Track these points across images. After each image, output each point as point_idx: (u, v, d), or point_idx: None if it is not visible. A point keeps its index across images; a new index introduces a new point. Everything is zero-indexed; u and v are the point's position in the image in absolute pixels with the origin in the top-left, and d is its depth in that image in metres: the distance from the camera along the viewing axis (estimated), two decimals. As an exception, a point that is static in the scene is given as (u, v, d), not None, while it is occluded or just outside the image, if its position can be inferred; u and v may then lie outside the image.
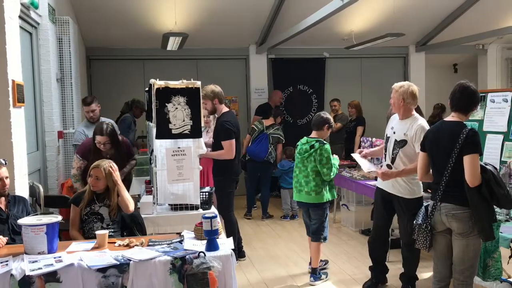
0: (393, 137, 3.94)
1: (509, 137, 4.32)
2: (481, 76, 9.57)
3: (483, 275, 3.45)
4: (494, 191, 2.90)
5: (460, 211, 3.00)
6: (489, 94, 4.67)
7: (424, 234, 3.17)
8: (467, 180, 2.93)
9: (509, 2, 7.22)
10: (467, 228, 3.00)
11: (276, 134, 6.99)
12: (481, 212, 2.92)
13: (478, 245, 3.07)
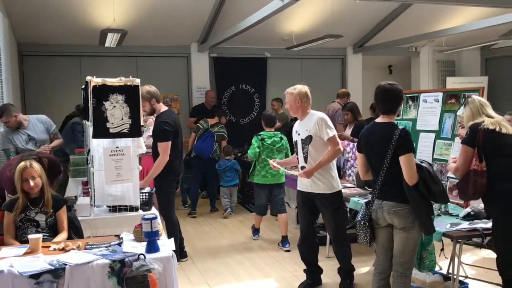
0: (299, 138, 4.13)
1: (440, 136, 4.54)
2: (414, 77, 10.02)
3: (418, 266, 3.61)
4: (430, 188, 3.03)
5: (400, 208, 3.12)
6: (421, 94, 4.88)
7: (364, 230, 3.28)
8: (406, 179, 3.04)
9: (439, 7, 7.59)
10: (408, 223, 3.12)
11: (220, 132, 7.15)
12: (421, 208, 3.05)
13: (418, 239, 3.21)
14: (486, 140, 3.10)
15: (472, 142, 3.14)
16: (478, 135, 3.12)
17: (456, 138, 4.32)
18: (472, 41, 8.69)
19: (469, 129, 3.19)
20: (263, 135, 5.66)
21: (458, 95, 4.47)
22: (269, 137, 5.64)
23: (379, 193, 3.21)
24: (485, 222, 3.43)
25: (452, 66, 10.13)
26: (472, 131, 3.16)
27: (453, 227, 3.41)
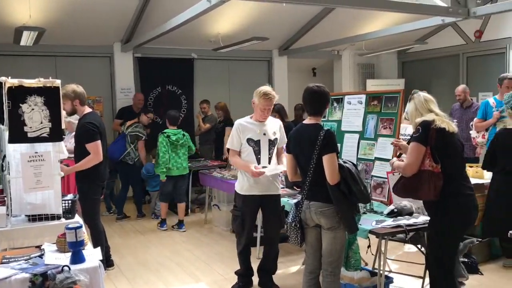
0: (267, 139, 4.10)
1: (364, 136, 4.71)
2: (337, 79, 10.36)
3: (345, 265, 3.72)
4: (351, 188, 3.12)
5: (326, 208, 3.19)
6: (346, 96, 5.04)
7: (295, 232, 3.33)
8: (327, 178, 3.12)
9: (360, 12, 7.90)
10: (334, 223, 3.19)
11: (134, 132, 6.78)
12: (343, 207, 3.13)
13: (344, 238, 3.30)
14: (438, 140, 3.08)
15: (425, 140, 3.08)
16: (430, 134, 3.08)
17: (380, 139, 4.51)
18: (389, 45, 9.13)
19: (420, 127, 3.13)
20: (168, 133, 6.31)
21: (380, 97, 4.66)
22: (174, 134, 6.33)
23: (307, 193, 3.27)
24: (407, 219, 3.59)
25: (371, 69, 10.59)
26: (424, 130, 3.10)
27: (378, 224, 3.54)
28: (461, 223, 3.23)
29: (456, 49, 9.11)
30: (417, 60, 10.16)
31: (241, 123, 4.15)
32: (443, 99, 8.87)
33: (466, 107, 6.89)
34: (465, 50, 8.98)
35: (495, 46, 8.31)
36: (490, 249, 4.94)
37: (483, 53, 8.67)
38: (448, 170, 3.12)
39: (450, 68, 9.37)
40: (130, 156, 6.74)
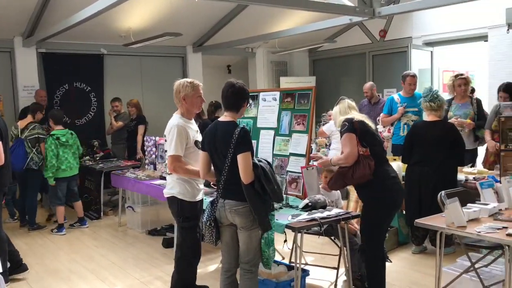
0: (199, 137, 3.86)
1: (279, 132, 4.78)
2: (251, 77, 10.46)
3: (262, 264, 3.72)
4: (265, 187, 3.13)
5: (241, 207, 3.17)
6: (261, 93, 5.09)
7: (210, 230, 3.28)
8: (241, 177, 3.09)
9: (272, 10, 8.01)
10: (248, 222, 3.18)
11: (33, 136, 6.17)
12: (257, 206, 3.12)
13: (260, 236, 3.29)
14: (361, 130, 3.60)
15: (353, 130, 3.58)
16: (355, 125, 3.59)
17: (294, 135, 4.59)
18: (301, 43, 9.37)
19: (346, 122, 3.64)
20: (57, 134, 6.12)
21: (293, 94, 4.75)
22: (63, 135, 6.16)
23: (222, 192, 3.23)
24: (321, 212, 3.69)
25: (284, 66, 10.81)
26: (349, 122, 3.62)
27: (294, 219, 3.60)
28: (391, 204, 3.68)
29: (362, 47, 9.56)
30: (327, 58, 10.52)
31: (184, 125, 3.68)
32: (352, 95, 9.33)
33: (373, 103, 7.25)
34: (371, 49, 9.45)
35: (398, 45, 8.83)
36: (398, 237, 5.24)
37: (387, 51, 9.17)
38: (373, 155, 3.59)
39: (358, 65, 9.82)
40: (34, 160, 6.16)
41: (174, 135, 3.61)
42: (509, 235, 3.06)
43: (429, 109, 4.75)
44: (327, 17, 6.87)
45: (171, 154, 3.63)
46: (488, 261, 3.95)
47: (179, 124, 3.65)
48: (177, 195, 3.71)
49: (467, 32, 7.78)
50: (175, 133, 3.61)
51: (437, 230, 3.46)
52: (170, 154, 3.65)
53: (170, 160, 3.65)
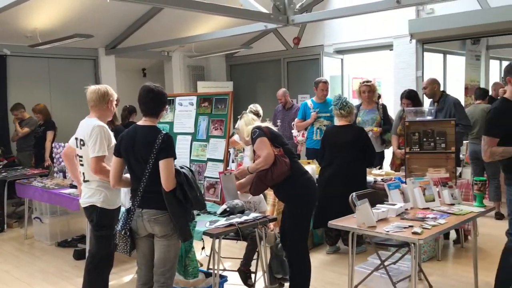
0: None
1: (196, 138, 4.72)
2: (167, 81, 10.28)
3: (184, 274, 3.65)
4: (187, 194, 3.08)
5: (161, 215, 3.08)
6: (177, 98, 5.00)
7: (124, 240, 3.16)
8: (163, 184, 3.01)
9: (189, 14, 7.93)
10: (168, 231, 3.10)
11: None
12: (178, 214, 3.05)
13: (179, 246, 3.23)
14: (271, 134, 3.81)
15: (264, 134, 3.75)
16: (264, 130, 3.79)
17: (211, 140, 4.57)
18: (218, 48, 9.38)
19: (255, 129, 3.80)
20: None
21: (210, 99, 4.72)
22: None
23: (141, 200, 3.11)
24: (239, 217, 3.70)
25: (201, 71, 10.76)
26: (258, 129, 3.80)
27: (212, 225, 3.57)
28: (310, 200, 3.86)
29: (278, 54, 9.77)
30: (244, 63, 10.63)
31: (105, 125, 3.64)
32: (268, 100, 9.54)
33: (287, 109, 7.43)
34: (286, 56, 9.70)
35: (311, 53, 9.13)
36: (313, 238, 5.40)
37: (301, 58, 9.45)
38: (286, 154, 3.76)
39: (273, 71, 10.02)
40: None
41: (98, 135, 3.50)
42: (414, 233, 3.25)
43: (339, 116, 4.98)
44: (243, 23, 6.93)
45: (96, 155, 3.48)
46: (396, 258, 4.18)
47: (100, 125, 3.56)
48: (97, 203, 3.57)
49: (374, 41, 8.22)
50: (98, 133, 3.50)
51: (349, 230, 3.60)
52: (94, 155, 3.48)
53: (95, 161, 3.48)
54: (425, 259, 4.81)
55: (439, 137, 4.91)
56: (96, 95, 3.67)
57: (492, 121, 3.53)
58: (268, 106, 8.68)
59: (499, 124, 3.48)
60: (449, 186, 4.14)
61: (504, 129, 3.45)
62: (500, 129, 3.46)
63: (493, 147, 3.46)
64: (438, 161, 4.58)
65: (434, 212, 3.76)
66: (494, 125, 3.50)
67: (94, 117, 3.66)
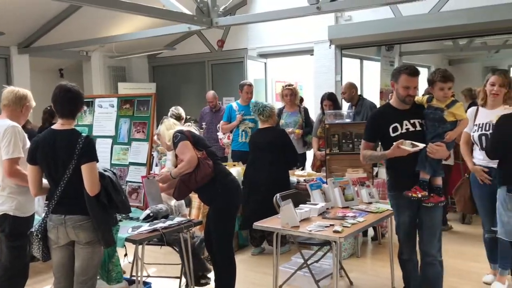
0: None
1: (117, 141, 4.58)
2: (87, 82, 9.86)
3: (107, 279, 3.51)
4: (112, 198, 2.97)
5: (85, 221, 2.96)
6: (96, 99, 4.82)
7: (37, 243, 3.01)
8: (87, 189, 2.89)
9: (110, 13, 7.66)
10: (93, 237, 2.98)
11: None
12: (101, 219, 2.94)
13: (102, 253, 3.11)
14: (193, 137, 3.82)
15: (186, 138, 3.74)
16: (186, 134, 3.77)
17: (133, 143, 4.44)
18: (140, 49, 9.16)
19: (177, 133, 3.78)
20: None
21: (132, 101, 4.60)
22: None
23: (60, 207, 2.96)
24: (163, 222, 3.63)
25: (123, 72, 10.43)
26: (180, 133, 3.77)
27: (135, 231, 3.48)
28: (234, 201, 3.88)
29: (202, 56, 9.72)
30: (167, 65, 10.46)
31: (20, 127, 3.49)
32: (192, 102, 9.46)
33: (215, 111, 7.38)
34: (210, 58, 9.67)
35: (235, 56, 9.17)
36: (238, 240, 5.42)
37: (225, 61, 9.46)
38: (209, 156, 3.77)
39: (198, 74, 9.94)
40: None
41: (12, 135, 3.32)
42: (335, 232, 3.37)
43: (261, 120, 5.12)
44: (166, 23, 6.82)
45: (10, 157, 3.29)
46: (319, 257, 4.31)
47: (14, 125, 3.39)
48: (9, 212, 3.37)
49: (296, 46, 8.42)
50: (12, 134, 3.33)
51: (274, 231, 3.66)
52: (8, 157, 3.28)
53: (9, 164, 3.29)
54: (346, 256, 5.00)
55: (357, 138, 5.14)
56: (13, 95, 3.54)
57: (367, 125, 3.57)
58: (192, 108, 8.62)
59: (374, 128, 3.48)
60: (366, 186, 4.35)
61: (378, 134, 3.46)
62: (375, 134, 3.48)
63: (364, 151, 3.48)
64: (356, 161, 4.77)
65: (354, 211, 3.93)
66: (368, 129, 3.53)
67: (5, 117, 3.47)
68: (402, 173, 3.41)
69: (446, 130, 3.26)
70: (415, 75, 3.30)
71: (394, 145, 3.21)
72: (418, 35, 7.08)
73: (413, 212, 3.43)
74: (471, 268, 4.61)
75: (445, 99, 3.28)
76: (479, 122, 4.00)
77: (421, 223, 3.43)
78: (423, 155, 3.25)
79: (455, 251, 4.99)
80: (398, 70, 3.37)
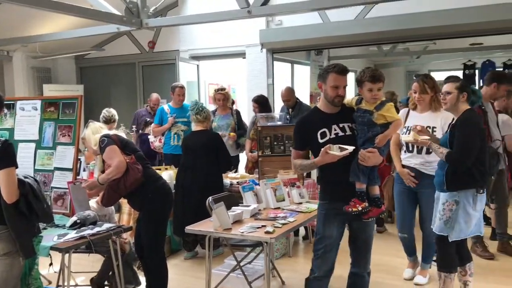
0: None
1: (41, 145, 4.37)
2: (8, 83, 9.32)
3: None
4: (32, 206, 2.83)
5: (3, 231, 2.80)
6: (18, 102, 4.58)
7: None
8: (4, 196, 2.73)
9: (33, 11, 7.30)
10: (11, 247, 2.83)
11: None
12: (20, 228, 2.80)
13: (22, 264, 2.94)
14: (120, 141, 3.75)
15: (113, 142, 3.67)
16: (113, 138, 3.71)
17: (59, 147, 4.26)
18: (67, 49, 8.80)
19: (103, 138, 3.68)
20: None
21: (57, 103, 4.41)
22: None
23: None
24: (91, 228, 3.51)
25: (48, 73, 9.97)
26: (107, 137, 3.69)
27: (61, 238, 3.34)
28: (164, 206, 3.85)
29: (132, 57, 9.51)
30: (95, 66, 10.12)
31: None
32: (123, 104, 9.22)
33: (154, 114, 7.16)
34: (140, 59, 9.47)
35: (167, 57, 9.04)
36: (170, 245, 5.35)
37: (157, 63, 9.31)
38: (138, 160, 3.72)
39: (128, 75, 9.71)
40: None
41: None
42: (267, 233, 3.42)
43: (196, 121, 5.06)
44: (94, 24, 6.60)
45: None
46: (252, 258, 4.35)
47: None
48: None
49: (229, 48, 8.46)
50: None
51: (206, 234, 3.65)
52: None
53: None
54: (278, 256, 5.08)
55: (288, 141, 5.25)
56: None
57: (295, 132, 3.28)
58: (123, 110, 8.38)
59: (301, 135, 3.22)
60: (297, 186, 4.45)
61: (307, 141, 3.20)
62: (303, 141, 3.23)
63: (295, 160, 3.25)
64: (288, 163, 4.86)
65: (285, 211, 4.01)
66: (296, 136, 3.27)
67: None
68: (334, 183, 3.15)
69: (377, 134, 3.01)
70: (344, 73, 3.08)
71: (322, 151, 2.98)
72: (345, 41, 7.35)
73: (343, 225, 3.21)
74: (395, 263, 4.83)
75: (374, 100, 3.05)
76: (409, 125, 4.04)
77: (355, 238, 3.24)
78: (355, 164, 3.01)
79: (381, 247, 5.21)
80: (326, 69, 3.13)
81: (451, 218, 3.48)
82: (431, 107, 4.05)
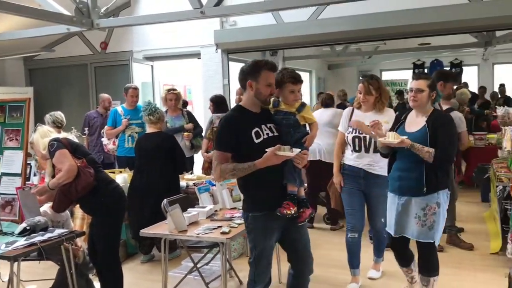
0: None
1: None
2: None
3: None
4: None
5: None
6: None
7: None
8: None
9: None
10: None
11: None
12: None
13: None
14: (71, 144, 3.68)
15: (63, 146, 3.59)
16: (63, 142, 3.63)
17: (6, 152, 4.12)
18: (14, 50, 8.50)
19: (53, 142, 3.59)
20: None
21: (3, 107, 4.25)
22: None
23: None
24: (42, 235, 3.41)
25: (-3, 75, 9.62)
26: (56, 141, 3.59)
27: (9, 246, 3.22)
28: (118, 209, 3.81)
29: (84, 58, 9.29)
30: (46, 68, 9.83)
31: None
32: (74, 106, 8.99)
33: (105, 116, 6.95)
34: (92, 60, 9.27)
35: (120, 58, 8.90)
36: (126, 249, 5.26)
37: (109, 64, 9.14)
38: (90, 164, 3.65)
39: (80, 76, 9.48)
40: None
41: None
42: (223, 233, 3.42)
43: (149, 122, 4.99)
44: (43, 24, 6.41)
45: None
46: (209, 259, 4.35)
47: None
48: None
49: (183, 49, 8.41)
50: None
51: (161, 237, 3.62)
52: None
53: None
54: (236, 256, 5.09)
55: (244, 141, 5.24)
56: None
57: (222, 132, 2.98)
58: (74, 112, 8.18)
59: (231, 135, 2.91)
60: (253, 186, 4.46)
61: (237, 142, 2.89)
62: (232, 142, 2.90)
63: (223, 164, 2.89)
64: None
65: (241, 211, 4.01)
66: (224, 136, 2.94)
67: None
68: (268, 187, 2.94)
69: (303, 135, 3.00)
70: (276, 70, 2.97)
71: (269, 152, 2.75)
72: (299, 41, 7.45)
73: (279, 233, 3.04)
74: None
75: (295, 102, 3.00)
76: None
77: (294, 242, 3.10)
78: (291, 166, 2.90)
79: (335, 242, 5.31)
80: (256, 66, 2.93)
81: (435, 221, 3.36)
82: (375, 107, 4.04)
